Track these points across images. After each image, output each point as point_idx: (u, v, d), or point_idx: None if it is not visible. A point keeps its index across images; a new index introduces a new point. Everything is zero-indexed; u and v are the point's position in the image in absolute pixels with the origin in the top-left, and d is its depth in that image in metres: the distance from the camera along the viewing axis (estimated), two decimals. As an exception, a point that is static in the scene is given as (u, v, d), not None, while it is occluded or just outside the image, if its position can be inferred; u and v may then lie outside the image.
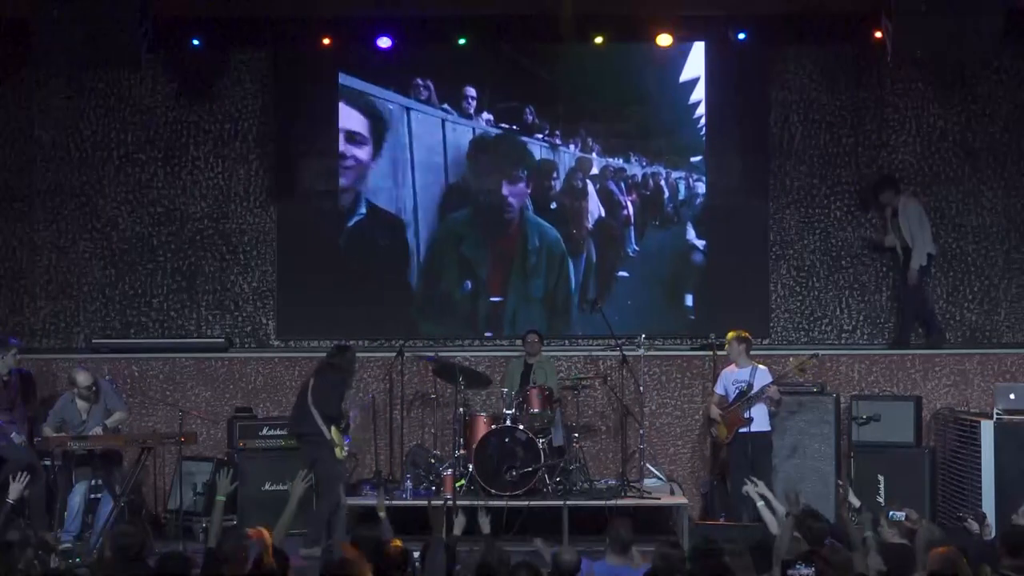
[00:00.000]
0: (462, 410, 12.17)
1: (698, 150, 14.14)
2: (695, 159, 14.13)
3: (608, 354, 12.91)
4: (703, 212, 14.10)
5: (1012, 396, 11.54)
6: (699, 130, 14.11)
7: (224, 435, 12.67)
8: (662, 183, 14.14)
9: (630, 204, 14.14)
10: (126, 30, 11.21)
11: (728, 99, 14.08)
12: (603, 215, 14.17)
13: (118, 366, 13.08)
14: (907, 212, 13.51)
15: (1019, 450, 11.27)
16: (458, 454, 12.00)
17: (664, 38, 13.76)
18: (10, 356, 11.75)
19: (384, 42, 13.83)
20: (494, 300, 14.11)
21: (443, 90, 14.11)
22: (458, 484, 11.73)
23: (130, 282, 14.20)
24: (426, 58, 14.12)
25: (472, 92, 14.11)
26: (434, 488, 11.85)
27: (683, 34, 13.86)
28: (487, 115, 14.11)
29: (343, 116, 14.16)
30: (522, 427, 11.82)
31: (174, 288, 14.20)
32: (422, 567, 7.97)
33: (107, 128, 14.24)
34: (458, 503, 10.90)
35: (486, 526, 8.83)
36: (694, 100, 14.09)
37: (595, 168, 14.17)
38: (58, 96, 14.21)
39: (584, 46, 13.75)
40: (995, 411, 11.47)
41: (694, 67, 14.09)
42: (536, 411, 12.01)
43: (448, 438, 12.52)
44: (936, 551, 7.53)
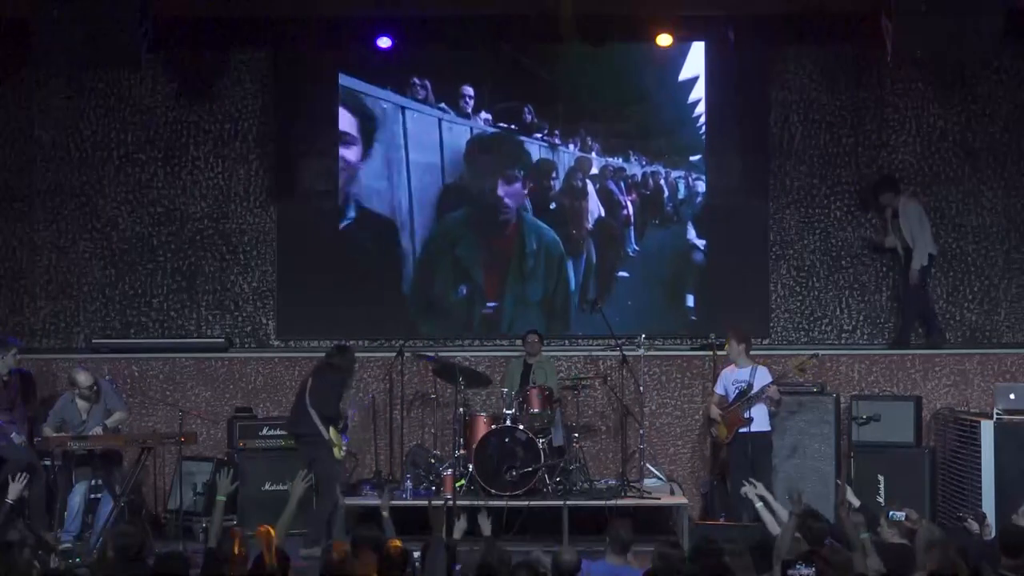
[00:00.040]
0: (462, 410, 12.16)
1: (698, 149, 14.12)
2: (694, 158, 14.12)
3: (608, 354, 12.90)
4: (703, 212, 14.09)
5: (1012, 396, 11.54)
6: (699, 129, 14.09)
7: (224, 435, 12.67)
8: (662, 182, 14.11)
9: (630, 204, 14.11)
10: (126, 30, 11.19)
11: (728, 99, 14.05)
12: (603, 215, 14.14)
13: (118, 366, 13.08)
14: (907, 212, 13.50)
15: (1019, 450, 11.27)
16: (458, 454, 11.99)
17: (664, 38, 13.74)
18: (10, 356, 11.75)
19: (384, 42, 13.80)
20: (490, 306, 14.00)
21: (440, 89, 14.05)
22: (458, 484, 11.73)
23: (130, 282, 14.19)
24: (426, 58, 14.06)
25: (470, 91, 14.05)
26: (434, 488, 11.84)
27: (683, 34, 13.82)
28: (485, 114, 14.06)
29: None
30: (522, 427, 11.81)
31: (174, 288, 14.19)
32: (422, 567, 7.96)
33: (107, 128, 14.23)
34: (458, 503, 10.90)
35: (487, 527, 8.83)
36: (693, 99, 14.07)
37: (595, 168, 14.13)
38: (58, 96, 14.20)
39: (584, 46, 13.72)
40: (995, 411, 11.47)
41: (693, 66, 14.06)
42: (536, 411, 12.00)
43: (448, 438, 12.52)
44: (935, 551, 7.55)
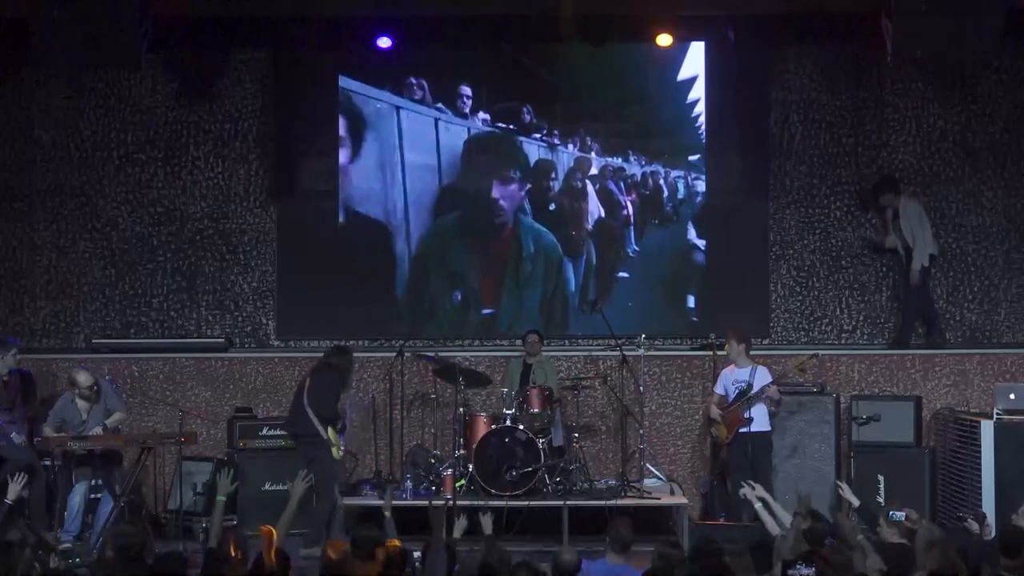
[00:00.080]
0: (462, 410, 12.16)
1: (697, 149, 14.10)
2: (694, 158, 14.10)
3: (608, 354, 12.90)
4: (703, 212, 14.07)
5: (1012, 396, 11.54)
6: (698, 129, 14.08)
7: (224, 435, 12.67)
8: (661, 182, 14.10)
9: (629, 204, 14.09)
10: (126, 30, 11.19)
11: (728, 99, 14.04)
12: (603, 215, 14.12)
13: (118, 366, 13.07)
14: (907, 213, 13.50)
15: (1019, 450, 11.27)
16: (458, 454, 11.99)
17: (664, 38, 13.73)
18: (10, 356, 11.75)
19: (384, 42, 13.79)
20: (486, 312, 13.95)
21: (438, 89, 14.01)
22: (458, 484, 11.73)
23: (130, 282, 14.19)
24: (426, 58, 14.03)
25: (467, 91, 14.00)
26: (434, 488, 11.84)
27: (683, 34, 13.82)
28: (484, 115, 14.02)
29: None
30: (522, 427, 11.81)
31: (174, 288, 14.19)
32: (422, 567, 7.96)
33: (107, 128, 14.23)
34: (458, 503, 10.89)
35: (488, 527, 8.82)
36: (693, 99, 14.05)
37: (594, 168, 14.11)
38: (58, 96, 14.20)
39: (583, 46, 13.71)
40: (995, 411, 11.47)
41: (693, 66, 14.05)
42: (536, 411, 12.00)
43: (448, 438, 12.52)
44: (935, 551, 7.54)
